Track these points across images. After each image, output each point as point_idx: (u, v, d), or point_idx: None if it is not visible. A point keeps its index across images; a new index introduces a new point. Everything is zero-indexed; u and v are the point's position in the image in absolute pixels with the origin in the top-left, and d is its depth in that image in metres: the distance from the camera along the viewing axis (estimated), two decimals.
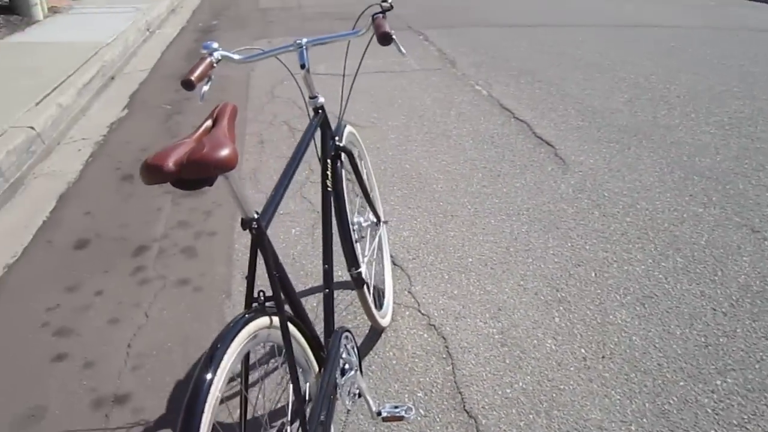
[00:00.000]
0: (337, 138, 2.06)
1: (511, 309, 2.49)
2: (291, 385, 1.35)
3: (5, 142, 4.04)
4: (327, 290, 1.82)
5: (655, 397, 2.03)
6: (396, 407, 1.82)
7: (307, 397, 1.56)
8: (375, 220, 2.37)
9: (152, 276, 2.81)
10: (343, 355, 1.72)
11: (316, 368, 1.59)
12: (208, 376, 1.11)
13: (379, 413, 1.81)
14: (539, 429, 1.94)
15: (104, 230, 3.18)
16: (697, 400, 2.01)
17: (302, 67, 1.89)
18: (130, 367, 2.27)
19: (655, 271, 2.67)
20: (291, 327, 1.46)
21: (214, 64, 1.75)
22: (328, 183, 1.92)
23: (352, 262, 1.99)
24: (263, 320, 1.32)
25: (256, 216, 1.34)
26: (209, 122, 1.27)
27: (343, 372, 1.70)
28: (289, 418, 1.36)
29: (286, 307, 1.40)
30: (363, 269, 2.08)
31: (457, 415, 2.01)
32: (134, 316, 2.55)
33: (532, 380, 2.13)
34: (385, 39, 1.67)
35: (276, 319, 1.34)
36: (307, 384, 1.58)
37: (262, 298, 1.36)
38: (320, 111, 1.99)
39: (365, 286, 2.06)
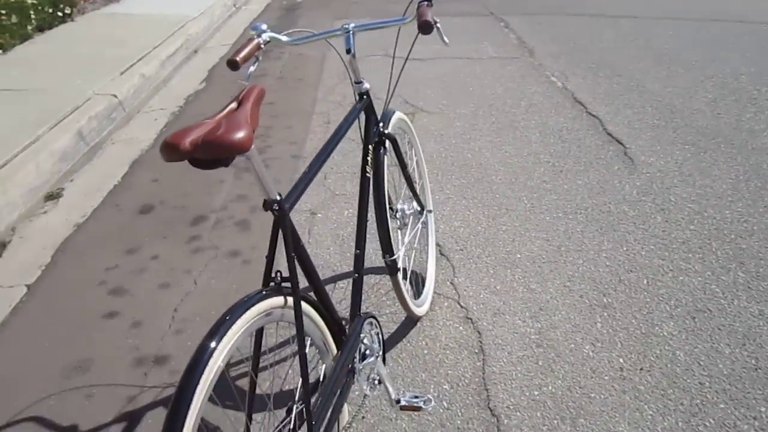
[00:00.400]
0: (381, 124, 2.05)
1: (553, 310, 2.43)
2: (301, 365, 1.37)
3: (89, 109, 4.27)
4: (357, 275, 1.83)
5: (691, 416, 1.94)
6: (416, 397, 1.83)
7: (321, 379, 1.58)
8: (419, 208, 2.36)
9: (206, 245, 2.91)
10: (365, 341, 1.73)
11: (335, 351, 1.61)
12: (212, 344, 1.15)
13: (398, 401, 1.82)
14: None
15: (168, 198, 3.32)
16: (735, 425, 1.90)
17: (348, 51, 1.89)
18: (174, 330, 2.37)
19: (713, 285, 2.53)
20: (308, 309, 1.49)
21: (262, 45, 1.77)
22: (368, 169, 1.92)
23: (387, 249, 2.00)
24: (277, 299, 1.35)
25: (278, 198, 1.36)
26: (234, 104, 1.29)
27: (363, 357, 1.72)
28: (296, 398, 1.39)
29: (306, 291, 1.42)
30: (400, 256, 2.09)
31: (480, 411, 1.99)
32: (184, 282, 2.66)
33: (562, 385, 2.08)
34: (425, 27, 1.65)
35: (291, 300, 1.37)
36: (324, 366, 1.61)
37: (279, 278, 1.39)
38: (365, 96, 1.98)
39: (399, 274, 2.06)
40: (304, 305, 1.47)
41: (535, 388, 2.07)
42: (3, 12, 5.73)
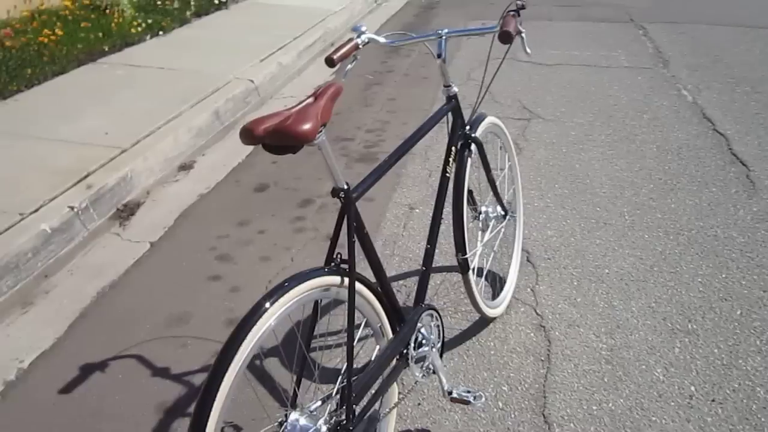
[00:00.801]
0: (468, 128, 2.13)
1: (631, 329, 2.39)
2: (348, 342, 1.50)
3: (227, 91, 4.67)
4: (424, 269, 1.94)
5: None
6: (468, 392, 1.90)
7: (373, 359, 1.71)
8: (502, 213, 2.41)
9: (308, 227, 3.13)
10: (422, 330, 1.84)
11: (390, 335, 1.73)
12: (267, 305, 1.31)
13: (449, 392, 1.90)
14: None
15: (282, 179, 3.59)
16: None
17: (438, 56, 1.98)
18: None
19: None
20: (366, 291, 1.62)
21: (360, 46, 1.91)
22: (448, 169, 2.02)
23: (460, 247, 2.08)
24: (335, 278, 1.49)
25: (345, 187, 1.50)
26: (311, 99, 1.44)
27: (418, 345, 1.82)
28: (342, 373, 1.52)
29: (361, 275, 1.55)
30: (476, 255, 2.17)
31: (533, 416, 2.03)
32: (282, 257, 2.89)
33: (624, 404, 2.06)
34: (504, 37, 1.71)
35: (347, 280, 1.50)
36: (377, 348, 1.73)
37: (339, 259, 1.53)
38: (453, 100, 2.07)
39: (470, 273, 2.13)
40: (362, 288, 1.60)
41: (594, 402, 2.08)
42: None
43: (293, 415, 1.48)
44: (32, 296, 2.70)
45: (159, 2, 6.32)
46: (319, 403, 1.53)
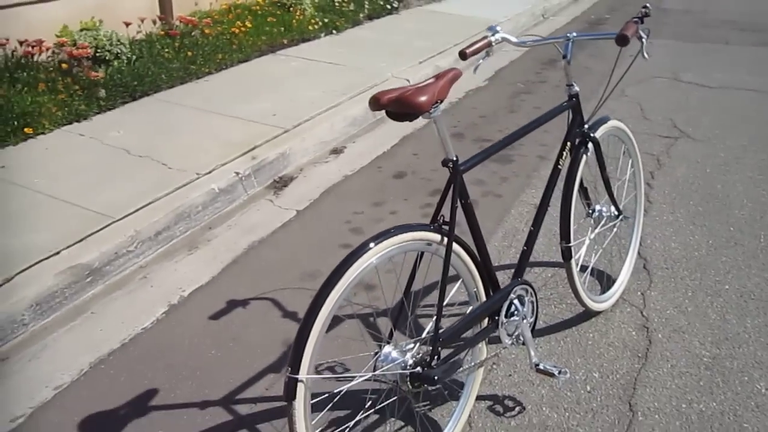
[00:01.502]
0: (586, 126, 2.26)
1: (740, 343, 2.38)
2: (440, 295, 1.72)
3: (384, 87, 5.04)
4: (525, 248, 2.11)
5: None
6: (554, 366, 2.03)
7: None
8: (615, 213, 2.49)
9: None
10: (515, 302, 2.00)
11: (483, 299, 1.92)
12: (371, 244, 1.58)
13: (537, 364, 2.04)
14: None
15: (420, 170, 3.86)
16: None
17: (564, 57, 2.14)
18: (384, 270, 2.87)
19: None
20: (462, 253, 1.83)
21: (493, 43, 2.13)
22: (560, 161, 2.17)
23: (564, 235, 2.22)
24: (435, 235, 1.73)
25: (454, 158, 1.73)
26: (433, 79, 1.69)
27: (510, 314, 1.99)
28: (432, 326, 1.74)
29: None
30: (583, 247, 2.30)
31: (618, 403, 2.11)
32: None
33: (716, 408, 2.08)
34: (620, 40, 1.86)
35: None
36: (470, 308, 1.93)
37: (441, 221, 1.75)
38: (574, 99, 2.21)
39: (573, 262, 2.26)
40: (460, 250, 1.81)
41: (685, 401, 2.12)
42: (344, 0, 6.92)
43: (387, 348, 1.73)
44: (197, 242, 3.19)
45: (336, 4, 6.89)
46: (411, 343, 1.76)
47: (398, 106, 1.58)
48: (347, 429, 1.95)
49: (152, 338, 2.48)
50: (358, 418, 1.94)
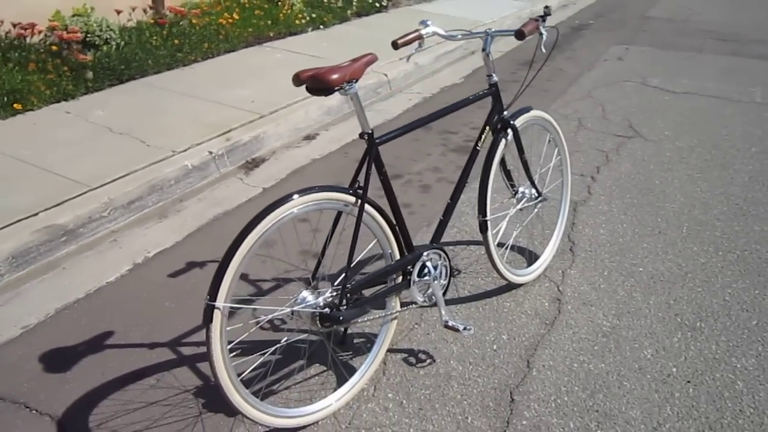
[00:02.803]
0: (506, 113, 2.52)
1: (639, 316, 2.64)
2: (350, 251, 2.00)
3: (361, 81, 5.26)
4: (443, 218, 2.38)
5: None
6: (461, 323, 2.30)
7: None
8: (536, 194, 2.76)
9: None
10: (427, 264, 2.27)
11: (397, 256, 2.19)
12: (295, 196, 1.85)
13: (446, 322, 2.30)
14: (574, 401, 2.21)
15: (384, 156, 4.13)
16: None
17: (483, 50, 2.42)
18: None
19: None
20: (378, 217, 2.11)
21: (423, 36, 2.40)
22: (479, 144, 2.44)
23: (481, 209, 2.49)
24: (350, 197, 2.00)
25: (369, 131, 2.00)
26: (349, 61, 1.97)
27: (421, 274, 2.26)
28: (342, 276, 2.01)
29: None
30: (504, 222, 2.59)
31: (518, 360, 2.39)
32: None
33: (603, 368, 2.35)
34: (519, 35, 2.13)
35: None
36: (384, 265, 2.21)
37: (356, 186, 2.03)
38: (493, 87, 2.48)
39: (489, 234, 2.52)
40: (374, 213, 2.09)
41: (577, 362, 2.39)
42: None
43: (305, 292, 2.00)
44: (167, 212, 3.47)
45: (325, 0, 7.17)
46: (325, 289, 2.03)
47: (313, 82, 1.85)
48: (261, 356, 2.21)
49: (115, 290, 2.76)
50: (274, 348, 2.21)
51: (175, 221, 3.36)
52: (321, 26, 6.73)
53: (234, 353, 1.96)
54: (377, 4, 7.79)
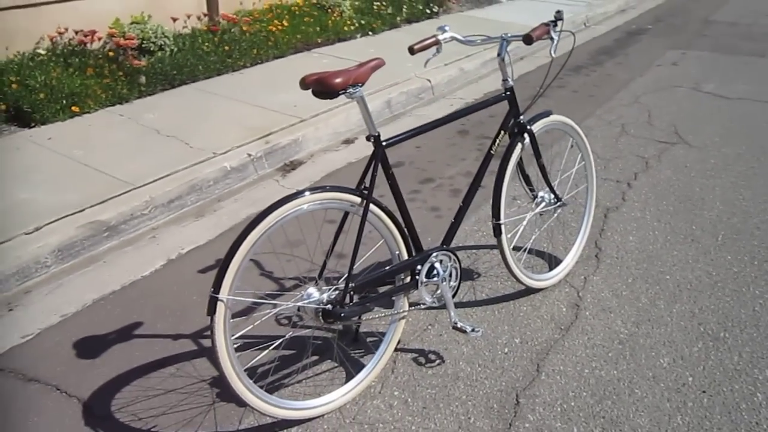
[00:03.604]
0: (522, 118, 2.53)
1: (661, 325, 2.60)
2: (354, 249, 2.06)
3: (404, 86, 5.39)
4: (454, 221, 2.41)
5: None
6: (470, 325, 2.32)
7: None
8: (554, 200, 2.75)
9: (419, 198, 3.69)
10: (436, 265, 2.31)
11: (405, 257, 2.24)
12: (306, 193, 1.93)
13: (455, 323, 2.33)
14: (580, 406, 2.20)
15: (417, 161, 4.18)
16: None
17: (498, 55, 2.44)
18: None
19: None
20: (384, 217, 2.16)
21: (440, 41, 2.45)
22: (493, 148, 2.46)
23: (495, 213, 2.51)
24: (356, 198, 2.07)
25: (376, 134, 2.06)
26: (355, 65, 2.03)
27: (429, 275, 2.29)
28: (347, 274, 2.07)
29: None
30: (521, 227, 2.59)
31: (528, 364, 2.39)
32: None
33: (614, 375, 2.33)
34: (526, 39, 2.14)
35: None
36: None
37: (363, 187, 2.09)
38: (509, 92, 2.50)
39: (503, 237, 2.53)
40: (381, 213, 2.15)
41: (588, 368, 2.37)
42: (383, 3, 7.29)
43: (311, 288, 2.08)
44: (204, 211, 3.62)
45: (375, 7, 7.27)
46: (331, 286, 2.10)
47: (318, 86, 1.93)
48: (269, 349, 2.29)
49: (148, 284, 2.91)
50: (279, 341, 2.28)
51: (210, 220, 3.51)
52: (370, 32, 6.84)
53: (238, 345, 2.05)
54: (428, 11, 7.84)
